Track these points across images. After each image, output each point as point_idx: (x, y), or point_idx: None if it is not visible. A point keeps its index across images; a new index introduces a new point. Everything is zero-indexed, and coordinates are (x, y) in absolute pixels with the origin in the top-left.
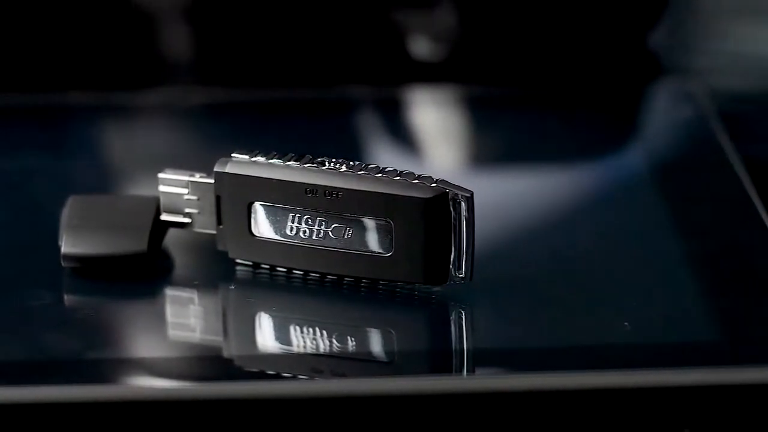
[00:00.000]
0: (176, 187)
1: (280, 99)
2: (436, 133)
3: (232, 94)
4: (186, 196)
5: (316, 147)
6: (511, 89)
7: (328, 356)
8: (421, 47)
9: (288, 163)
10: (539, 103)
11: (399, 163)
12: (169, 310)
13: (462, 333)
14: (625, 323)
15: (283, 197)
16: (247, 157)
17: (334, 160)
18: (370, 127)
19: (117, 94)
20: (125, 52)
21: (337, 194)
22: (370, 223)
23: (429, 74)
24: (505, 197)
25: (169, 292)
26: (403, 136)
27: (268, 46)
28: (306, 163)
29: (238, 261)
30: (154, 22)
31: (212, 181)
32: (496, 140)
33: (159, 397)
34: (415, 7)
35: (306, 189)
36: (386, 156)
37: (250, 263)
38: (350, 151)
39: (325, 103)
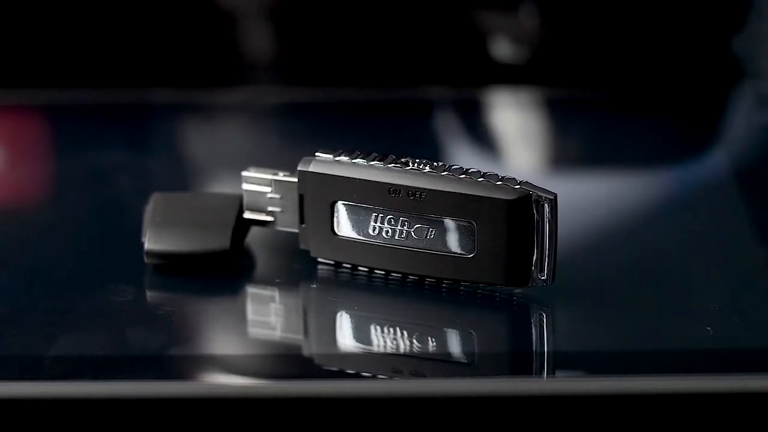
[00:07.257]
0: (259, 185)
1: (362, 99)
2: (517, 135)
3: (315, 93)
4: (269, 195)
5: (398, 147)
6: (593, 92)
7: (408, 356)
8: (502, 49)
9: (371, 162)
10: (620, 106)
11: (479, 164)
12: (250, 308)
13: (543, 335)
14: (707, 328)
15: (366, 197)
16: (330, 156)
17: (417, 160)
18: (451, 129)
19: (200, 92)
20: (209, 51)
21: (421, 195)
22: (452, 223)
23: (510, 76)
24: (587, 200)
25: (251, 289)
26: (483, 137)
27: (350, 46)
28: (389, 163)
29: (320, 260)
30: (238, 21)
31: (296, 179)
32: (577, 143)
33: (238, 395)
34: (497, 10)
35: (389, 189)
36: (466, 157)
37: (332, 262)
38: (431, 151)
39: (406, 104)
